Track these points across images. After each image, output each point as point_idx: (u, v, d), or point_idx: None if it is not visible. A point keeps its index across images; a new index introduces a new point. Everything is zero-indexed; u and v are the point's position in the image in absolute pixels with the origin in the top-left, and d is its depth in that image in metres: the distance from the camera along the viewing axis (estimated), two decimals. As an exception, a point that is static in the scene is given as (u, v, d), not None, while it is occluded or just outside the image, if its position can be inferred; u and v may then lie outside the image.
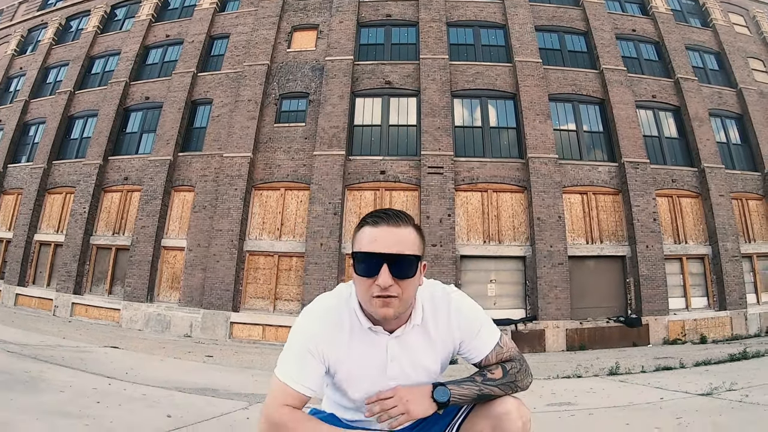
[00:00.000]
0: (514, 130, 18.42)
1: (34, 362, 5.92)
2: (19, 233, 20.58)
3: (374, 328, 1.70)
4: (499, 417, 1.67)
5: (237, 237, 17.17)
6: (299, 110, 18.87)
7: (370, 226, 1.61)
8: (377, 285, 1.56)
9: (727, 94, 20.47)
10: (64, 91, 22.18)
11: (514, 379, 1.74)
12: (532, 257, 16.65)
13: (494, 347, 1.79)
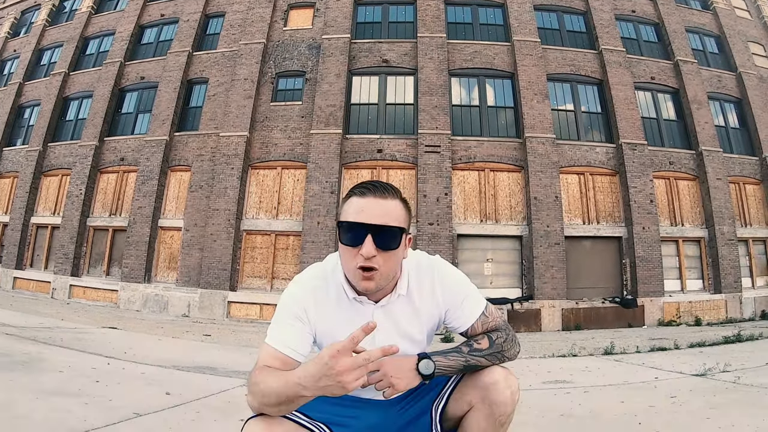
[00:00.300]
0: (511, 110, 18.37)
1: (32, 344, 5.94)
2: (16, 216, 20.53)
3: (359, 298, 1.70)
4: (487, 387, 1.66)
5: (234, 216, 17.14)
6: (296, 89, 18.78)
7: (357, 196, 1.61)
8: (361, 255, 1.56)
9: (726, 77, 20.41)
10: (59, 73, 22.03)
11: (500, 348, 1.72)
12: (529, 237, 16.65)
13: (479, 316, 1.78)
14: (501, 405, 1.64)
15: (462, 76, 18.61)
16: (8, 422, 2.71)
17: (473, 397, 1.68)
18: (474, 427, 1.68)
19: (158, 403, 3.65)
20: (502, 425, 1.67)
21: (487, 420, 1.65)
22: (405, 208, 1.65)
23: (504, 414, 1.65)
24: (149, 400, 3.66)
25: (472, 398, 1.68)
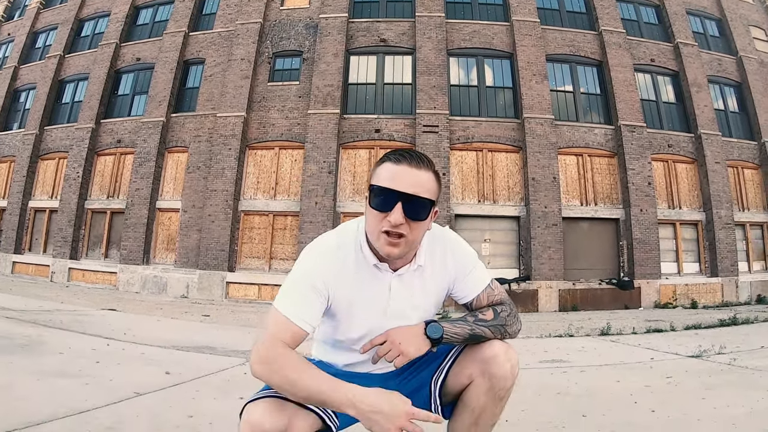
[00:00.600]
0: (510, 90, 18.27)
1: (32, 327, 5.96)
2: (14, 201, 20.50)
3: (379, 265, 1.68)
4: (487, 360, 1.67)
5: (232, 197, 17.11)
6: (293, 69, 18.63)
7: (392, 162, 1.59)
8: (388, 221, 1.55)
9: (726, 61, 20.28)
10: (54, 56, 21.82)
11: (504, 322, 1.73)
12: (527, 217, 16.67)
13: (485, 288, 1.79)
14: (501, 379, 1.64)
15: (460, 56, 18.46)
16: (10, 404, 2.73)
17: (473, 370, 1.68)
18: (473, 400, 1.68)
19: (158, 382, 3.68)
20: (501, 399, 1.68)
21: (487, 394, 1.66)
22: (437, 181, 1.63)
23: (503, 388, 1.66)
24: (149, 380, 3.69)
25: (471, 372, 1.68)
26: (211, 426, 2.66)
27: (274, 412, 1.49)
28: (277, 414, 1.49)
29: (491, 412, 1.69)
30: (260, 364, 1.51)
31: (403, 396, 1.50)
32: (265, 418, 1.48)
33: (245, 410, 1.53)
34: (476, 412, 1.68)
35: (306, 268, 1.65)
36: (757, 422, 2.85)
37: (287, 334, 1.56)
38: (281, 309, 1.59)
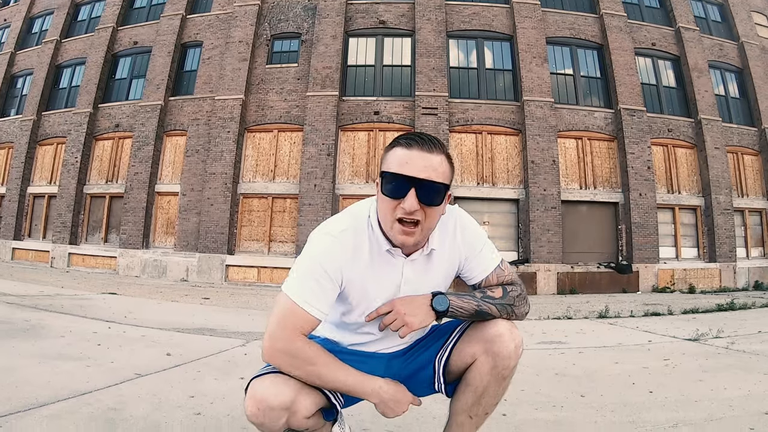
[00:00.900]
0: (509, 73, 18.19)
1: (33, 311, 5.97)
2: (12, 187, 20.48)
3: (392, 251, 1.66)
4: (491, 339, 1.65)
5: (230, 180, 17.10)
6: (291, 51, 18.52)
7: (403, 147, 1.55)
8: (402, 208, 1.52)
9: (728, 46, 20.17)
10: (51, 41, 21.67)
11: (512, 302, 1.71)
12: (526, 200, 16.68)
13: (495, 269, 1.77)
14: (504, 358, 1.64)
15: (460, 38, 18.34)
16: (12, 387, 2.74)
17: (477, 349, 1.67)
18: (476, 379, 1.68)
19: (159, 363, 3.70)
20: (504, 379, 1.68)
21: (490, 373, 1.66)
22: (449, 164, 1.60)
23: (507, 367, 1.66)
24: (150, 362, 3.71)
25: (475, 350, 1.67)
26: (212, 405, 2.68)
27: (280, 388, 1.52)
28: (282, 390, 1.52)
29: (494, 392, 1.69)
30: (280, 356, 1.53)
31: None
32: (270, 393, 1.50)
33: (250, 386, 1.55)
34: (479, 390, 1.68)
35: (318, 253, 1.61)
36: (754, 405, 2.87)
37: (302, 323, 1.56)
38: (294, 297, 1.57)
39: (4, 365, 3.23)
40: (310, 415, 1.59)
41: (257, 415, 1.50)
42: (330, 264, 1.59)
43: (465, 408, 1.72)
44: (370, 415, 2.58)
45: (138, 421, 2.33)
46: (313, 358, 1.53)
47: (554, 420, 2.62)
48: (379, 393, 1.58)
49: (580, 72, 18.59)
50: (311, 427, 1.64)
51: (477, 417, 1.73)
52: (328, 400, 1.63)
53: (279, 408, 1.50)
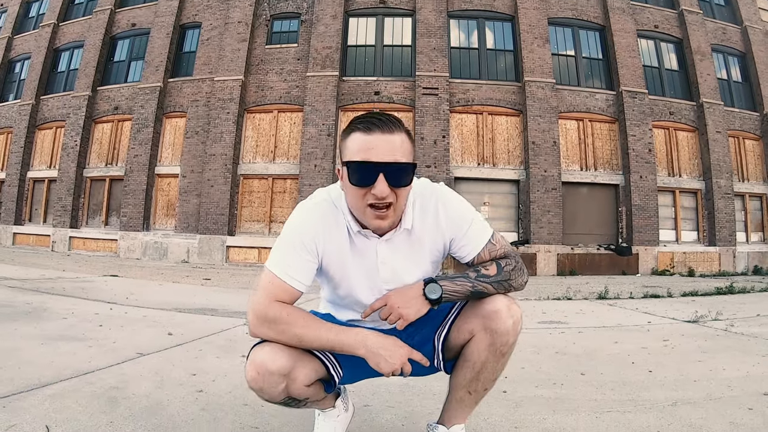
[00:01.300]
0: (511, 53, 18.09)
1: (35, 294, 5.99)
2: (12, 172, 20.50)
3: (363, 232, 1.64)
4: (489, 316, 1.63)
5: (231, 161, 17.11)
6: (291, 31, 18.42)
7: (362, 132, 1.51)
8: (373, 194, 1.49)
9: (731, 30, 20.03)
10: (48, 24, 21.54)
11: (508, 276, 1.67)
12: (526, 181, 16.67)
13: (486, 244, 1.72)
14: (502, 334, 1.62)
15: (461, 17, 18.22)
16: (15, 368, 2.76)
17: (475, 325, 1.66)
18: (475, 355, 1.67)
19: (161, 343, 3.72)
20: (503, 355, 1.67)
21: (489, 349, 1.64)
22: (410, 140, 1.58)
23: (505, 344, 1.64)
24: (152, 341, 3.73)
25: (473, 327, 1.66)
26: (214, 383, 2.70)
27: (278, 354, 1.53)
28: (280, 356, 1.53)
29: (492, 368, 1.68)
30: (263, 326, 1.54)
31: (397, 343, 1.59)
32: (268, 359, 1.51)
33: (251, 353, 1.56)
34: (477, 367, 1.68)
35: (294, 225, 1.64)
36: (753, 386, 2.88)
37: (281, 293, 1.57)
38: (272, 268, 1.60)
39: (7, 347, 3.25)
40: (309, 383, 1.61)
41: (257, 380, 1.52)
42: (305, 234, 1.61)
43: (464, 384, 1.72)
44: (371, 392, 2.62)
45: (140, 399, 2.35)
46: (292, 320, 1.53)
47: (555, 397, 2.64)
48: (364, 342, 1.54)
49: (582, 53, 18.50)
50: (311, 397, 1.66)
51: (476, 393, 1.73)
52: (327, 371, 1.64)
53: (278, 373, 1.51)
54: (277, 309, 1.54)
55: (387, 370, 1.54)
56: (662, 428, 2.15)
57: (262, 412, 2.26)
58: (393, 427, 2.18)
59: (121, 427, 1.98)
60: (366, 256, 1.67)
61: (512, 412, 2.39)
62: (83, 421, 2.01)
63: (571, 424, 2.20)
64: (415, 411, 2.38)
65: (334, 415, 1.91)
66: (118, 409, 2.18)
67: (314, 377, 1.62)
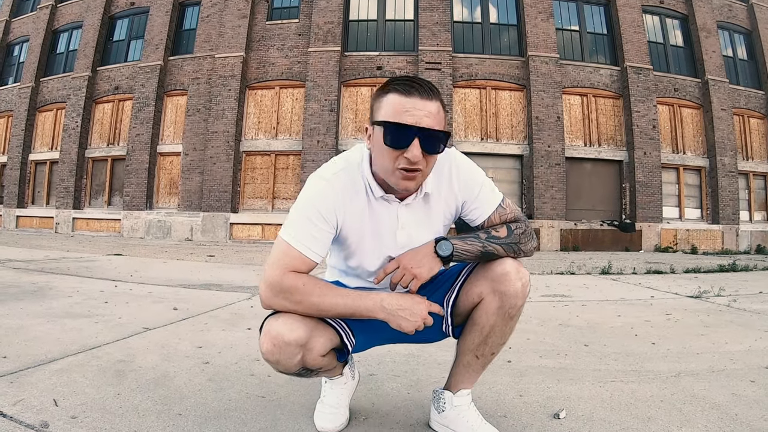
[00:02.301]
0: (515, 28, 17.94)
1: (40, 274, 6.01)
2: (14, 155, 20.56)
3: (386, 197, 1.64)
4: (497, 279, 1.62)
5: (233, 138, 17.11)
6: (292, 6, 18.26)
7: (400, 94, 1.48)
8: (405, 158, 1.47)
9: (737, 7, 19.81)
10: (46, 6, 21.44)
11: (518, 240, 1.67)
12: (530, 156, 16.63)
13: (497, 207, 1.73)
14: (511, 297, 1.62)
15: (464, -9, 17.99)
16: (22, 344, 2.78)
17: (483, 288, 1.66)
18: (483, 318, 1.67)
19: (166, 317, 3.75)
20: (512, 318, 1.67)
21: (497, 313, 1.65)
22: (444, 110, 1.57)
23: (514, 306, 1.64)
24: (157, 317, 3.75)
25: (482, 290, 1.66)
26: (220, 355, 2.72)
27: (295, 325, 1.52)
28: (297, 326, 1.52)
29: (500, 332, 1.69)
30: (277, 296, 1.53)
31: None
32: (285, 330, 1.50)
33: (265, 324, 1.55)
34: (485, 330, 1.68)
35: (312, 195, 1.61)
36: (755, 359, 2.89)
37: (297, 263, 1.56)
38: (288, 239, 1.57)
39: (14, 325, 3.27)
40: (325, 353, 1.61)
41: (273, 352, 1.51)
42: (323, 205, 1.59)
43: (472, 347, 1.73)
44: (376, 362, 2.65)
45: (147, 371, 2.37)
46: (308, 290, 1.52)
47: (558, 367, 2.66)
48: (381, 305, 1.53)
49: (587, 28, 18.34)
50: (325, 366, 1.67)
51: (483, 357, 1.74)
52: (340, 339, 1.64)
53: (294, 344, 1.51)
54: (293, 279, 1.52)
55: (409, 329, 1.54)
56: (665, 398, 2.16)
57: (268, 382, 2.28)
58: (398, 394, 2.20)
59: (129, 398, 2.00)
60: (384, 222, 1.67)
61: (517, 381, 2.41)
62: (90, 394, 2.03)
63: (575, 393, 2.22)
64: (421, 379, 2.39)
65: (342, 382, 1.92)
66: (125, 382, 2.20)
67: (330, 346, 1.62)
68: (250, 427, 1.78)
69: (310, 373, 1.66)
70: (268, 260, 1.60)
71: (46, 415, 1.79)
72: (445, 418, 1.79)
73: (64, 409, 1.86)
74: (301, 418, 1.89)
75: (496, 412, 1.97)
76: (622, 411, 2.01)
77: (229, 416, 1.88)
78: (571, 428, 1.84)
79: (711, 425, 1.89)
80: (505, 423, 1.85)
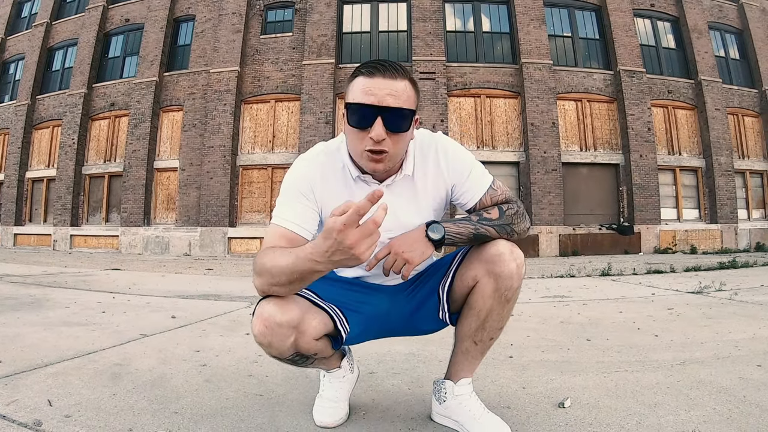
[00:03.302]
0: (507, 36, 18.01)
1: (37, 288, 5.99)
2: (10, 173, 20.50)
3: (363, 177, 1.64)
4: (491, 260, 1.61)
5: (229, 152, 17.07)
6: (285, 20, 18.31)
7: (365, 76, 1.51)
8: (370, 138, 1.49)
9: (728, 7, 19.89)
10: (41, 23, 21.43)
11: (510, 221, 1.66)
12: (526, 163, 16.63)
13: (488, 189, 1.72)
14: (506, 278, 1.61)
15: (456, 1, 18.15)
16: (18, 350, 2.75)
17: (478, 271, 1.64)
18: (479, 302, 1.65)
19: (164, 325, 3.71)
20: (508, 301, 1.65)
21: (493, 295, 1.63)
22: (414, 88, 1.57)
23: (510, 288, 1.62)
24: (155, 324, 3.71)
25: (477, 273, 1.64)
26: (218, 358, 2.68)
27: (287, 307, 1.49)
28: (289, 308, 1.49)
29: (498, 315, 1.67)
30: (259, 275, 1.48)
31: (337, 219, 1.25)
32: (277, 311, 1.47)
33: (257, 307, 1.51)
34: (482, 314, 1.66)
35: (292, 176, 1.65)
36: (760, 345, 2.89)
37: (283, 241, 1.54)
38: (274, 219, 1.60)
39: (10, 333, 3.24)
40: (318, 337, 1.58)
41: (265, 334, 1.48)
42: (303, 183, 1.62)
43: (469, 333, 1.70)
44: (376, 361, 2.62)
45: (144, 373, 2.34)
46: (268, 257, 1.44)
47: (561, 360, 2.63)
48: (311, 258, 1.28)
49: (579, 34, 18.39)
50: (320, 352, 1.63)
51: (482, 343, 1.71)
52: (334, 326, 1.61)
53: (287, 325, 1.48)
54: (263, 252, 1.48)
55: (357, 263, 1.26)
56: (671, 385, 2.14)
57: (266, 382, 2.25)
58: (399, 390, 2.17)
59: (124, 398, 1.97)
60: None
61: (520, 374, 2.38)
62: (85, 394, 2.00)
63: (579, 384, 2.19)
64: (422, 376, 2.36)
65: (340, 375, 1.90)
66: (121, 383, 2.17)
67: (323, 330, 1.59)
68: (248, 424, 1.75)
69: (305, 360, 1.63)
70: None
71: (39, 414, 1.76)
72: (446, 408, 1.76)
73: (59, 408, 1.83)
74: (300, 414, 1.86)
75: (500, 403, 1.95)
76: (627, 398, 1.99)
77: (226, 413, 1.85)
78: (577, 416, 1.81)
79: (719, 407, 1.87)
80: (509, 414, 1.82)
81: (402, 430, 1.73)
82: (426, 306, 1.75)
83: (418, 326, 1.76)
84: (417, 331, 1.84)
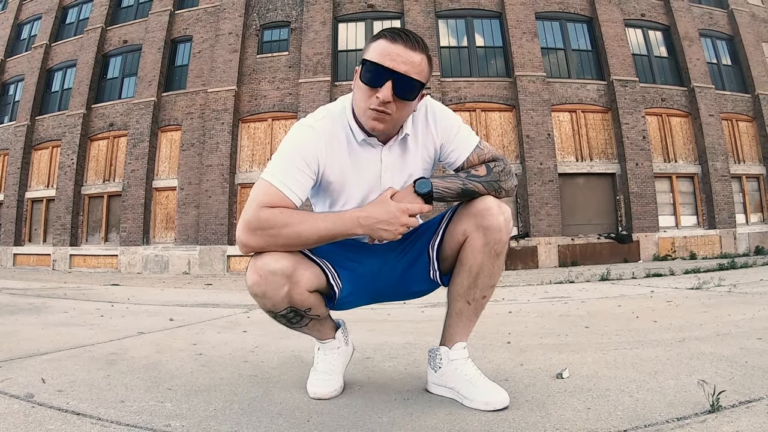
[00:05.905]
0: (501, 50, 18.15)
1: (36, 298, 6.01)
2: (10, 194, 20.49)
3: (368, 140, 1.67)
4: (480, 214, 1.65)
5: (227, 171, 17.11)
6: (281, 39, 18.47)
7: (387, 40, 1.55)
8: (377, 97, 1.52)
9: (718, 14, 20.05)
10: (40, 45, 21.60)
11: (497, 178, 1.70)
12: (523, 175, 16.65)
13: (474, 148, 1.76)
14: (495, 231, 1.63)
15: (449, 17, 18.28)
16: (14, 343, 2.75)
17: (467, 225, 1.66)
18: (470, 259, 1.67)
19: (162, 325, 3.71)
20: (498, 256, 1.67)
21: (483, 250, 1.65)
22: (429, 64, 1.60)
23: (499, 242, 1.65)
24: (153, 325, 3.70)
25: (466, 227, 1.67)
26: (214, 349, 2.67)
27: (281, 256, 1.53)
28: (282, 259, 1.53)
29: (489, 271, 1.68)
30: (255, 233, 1.51)
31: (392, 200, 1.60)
32: (270, 260, 1.51)
33: (251, 261, 1.55)
34: (474, 270, 1.67)
35: (296, 140, 1.63)
36: (759, 323, 2.90)
37: (274, 200, 1.54)
38: (268, 178, 1.58)
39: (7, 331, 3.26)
40: (311, 289, 1.60)
41: (259, 283, 1.51)
42: (307, 150, 1.61)
43: (462, 292, 1.71)
44: (372, 348, 2.62)
45: (139, 360, 2.33)
46: (284, 218, 1.51)
47: (559, 343, 2.62)
48: (358, 222, 1.55)
49: (571, 46, 18.54)
50: (313, 307, 1.65)
51: (475, 302, 1.72)
52: (327, 281, 1.62)
53: (280, 273, 1.51)
54: (269, 211, 1.51)
55: (390, 237, 1.58)
56: (671, 357, 2.14)
57: (261, 366, 2.24)
58: (395, 370, 2.17)
59: (118, 378, 1.96)
60: (368, 167, 1.69)
61: (517, 355, 2.37)
62: (80, 375, 2.00)
63: (578, 360, 2.18)
64: (418, 359, 2.35)
65: (335, 346, 1.89)
66: (116, 367, 2.16)
67: (316, 283, 1.61)
68: (242, 397, 1.74)
69: (300, 319, 1.64)
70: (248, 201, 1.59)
71: (32, 389, 1.76)
72: (442, 375, 1.75)
73: (51, 385, 1.83)
74: (293, 389, 1.85)
75: (497, 377, 1.92)
76: (627, 368, 1.99)
77: (220, 390, 1.84)
78: (576, 384, 1.80)
79: (721, 371, 1.87)
80: (507, 385, 1.79)
81: (397, 400, 1.72)
82: (416, 266, 1.76)
83: (409, 287, 1.77)
84: (409, 293, 1.85)
